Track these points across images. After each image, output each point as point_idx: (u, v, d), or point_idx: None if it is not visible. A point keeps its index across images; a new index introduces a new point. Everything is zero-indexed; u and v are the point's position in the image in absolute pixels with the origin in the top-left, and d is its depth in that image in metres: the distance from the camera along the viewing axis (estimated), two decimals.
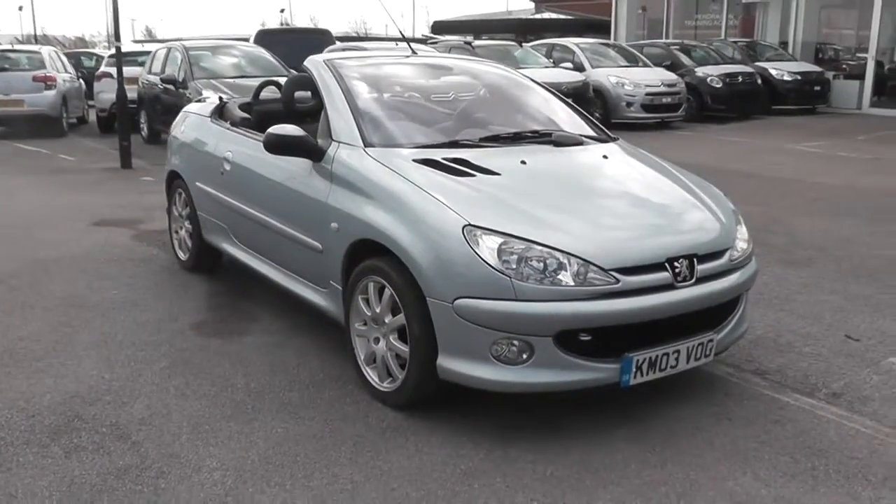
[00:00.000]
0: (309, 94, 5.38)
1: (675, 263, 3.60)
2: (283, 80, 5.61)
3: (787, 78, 15.16)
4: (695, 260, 3.67)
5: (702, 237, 3.81)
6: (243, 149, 5.01)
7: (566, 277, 3.41)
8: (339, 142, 4.19)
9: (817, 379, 4.15)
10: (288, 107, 5.32)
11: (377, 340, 3.88)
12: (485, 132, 4.48)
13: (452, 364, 3.50)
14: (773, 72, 15.14)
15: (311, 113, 5.33)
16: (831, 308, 5.19)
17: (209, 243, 5.59)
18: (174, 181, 5.92)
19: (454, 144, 4.28)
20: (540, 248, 3.43)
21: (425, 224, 3.58)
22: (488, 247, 3.42)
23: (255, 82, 6.61)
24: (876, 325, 4.88)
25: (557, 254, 3.43)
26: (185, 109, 6.12)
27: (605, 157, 4.46)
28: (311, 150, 4.26)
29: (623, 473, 3.28)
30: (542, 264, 3.41)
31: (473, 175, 3.92)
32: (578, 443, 3.51)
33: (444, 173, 3.89)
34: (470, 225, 3.48)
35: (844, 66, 16.93)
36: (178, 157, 5.79)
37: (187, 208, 5.76)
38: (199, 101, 6.18)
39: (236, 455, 3.41)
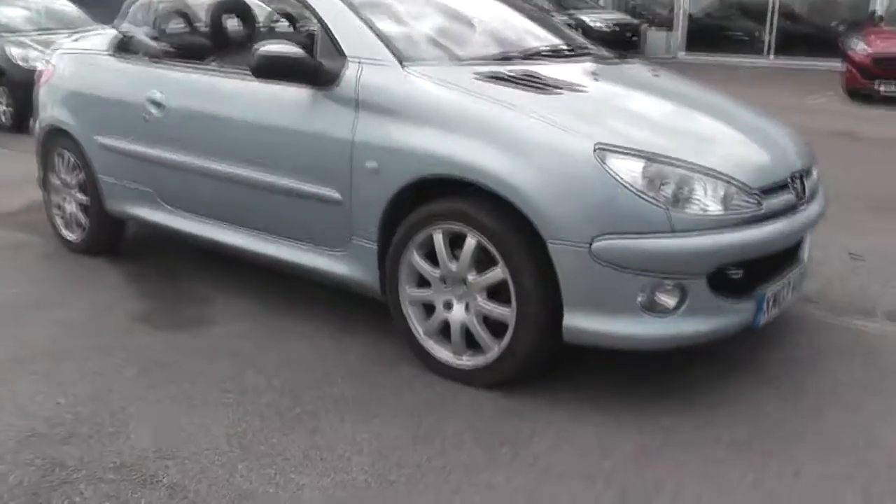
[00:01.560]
0: (237, 21, 4.30)
1: (794, 182, 3.06)
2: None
3: (604, 28, 15.41)
4: (804, 177, 3.15)
5: (801, 153, 3.30)
6: (185, 86, 3.81)
7: (714, 203, 2.75)
8: (359, 60, 3.19)
9: (863, 300, 3.86)
10: (218, 35, 4.18)
11: (448, 305, 3.00)
12: (519, 48, 3.67)
13: (585, 322, 2.73)
14: (588, 21, 15.33)
15: (242, 43, 4.25)
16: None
17: (116, 215, 4.30)
18: (54, 140, 4.50)
19: (505, 59, 3.44)
20: (686, 169, 2.74)
21: (538, 148, 2.75)
22: (629, 170, 2.67)
23: (61, 36, 5.30)
24: (866, 245, 4.68)
25: (705, 175, 2.76)
26: (61, 50, 4.68)
27: (655, 74, 3.83)
28: (316, 73, 3.24)
29: (800, 427, 2.75)
30: (689, 189, 2.73)
31: (560, 91, 3.12)
32: (720, 401, 2.92)
33: (524, 89, 3.06)
34: (601, 145, 2.70)
35: (653, 17, 17.62)
36: (63, 109, 4.38)
37: (79, 174, 4.40)
38: (74, 38, 4.77)
39: (339, 474, 2.48)
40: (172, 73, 3.88)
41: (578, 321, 2.75)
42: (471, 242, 2.88)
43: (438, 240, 2.96)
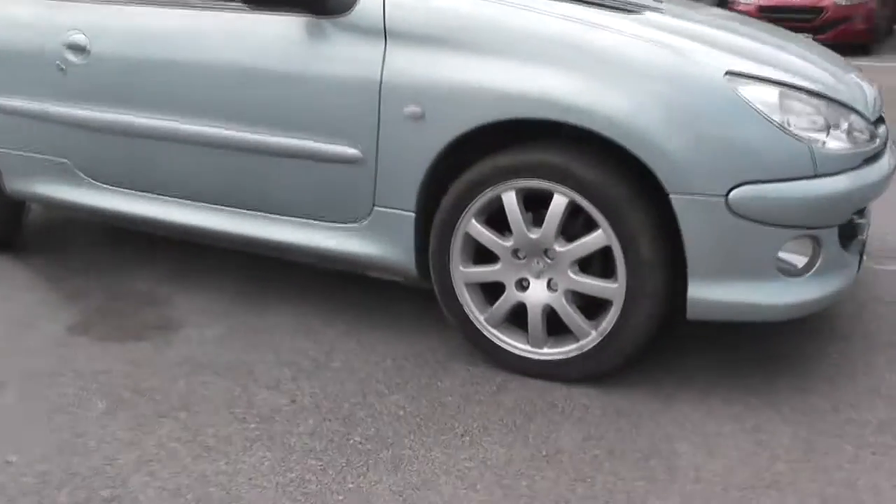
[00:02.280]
0: None
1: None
2: None
3: None
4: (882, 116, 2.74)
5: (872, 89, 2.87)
6: (122, 25, 2.89)
7: (844, 138, 2.27)
8: None
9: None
10: None
11: (523, 285, 2.36)
12: None
13: (715, 292, 2.18)
14: None
15: None
16: None
17: (16, 196, 3.32)
18: None
19: None
20: (819, 98, 2.22)
21: (656, 79, 2.17)
22: (764, 101, 2.14)
23: None
24: None
25: (838, 106, 2.26)
26: None
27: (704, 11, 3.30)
28: None
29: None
30: (825, 121, 2.23)
31: (642, 13, 2.52)
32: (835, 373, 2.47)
33: (605, 10, 2.43)
34: (732, 73, 2.13)
35: None
36: None
37: None
38: None
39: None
40: (101, 8, 2.93)
41: (706, 292, 2.18)
42: (560, 202, 2.25)
43: (511, 201, 2.30)
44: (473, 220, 2.37)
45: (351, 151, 2.50)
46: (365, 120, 2.44)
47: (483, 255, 2.45)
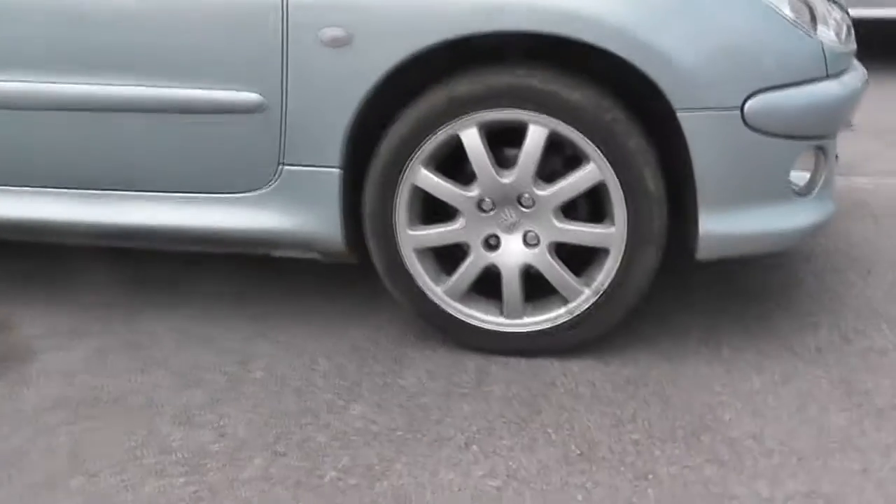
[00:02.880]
0: None
1: None
2: None
3: None
4: None
5: None
6: None
7: (842, 34, 2.00)
8: None
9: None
10: None
11: (491, 243, 1.89)
12: None
13: (730, 224, 1.83)
14: None
15: None
16: None
17: None
18: None
19: None
20: None
21: None
22: None
23: None
24: None
25: None
26: None
27: None
28: None
29: None
30: (827, 14, 1.94)
31: None
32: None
33: None
34: None
35: None
36: None
37: None
38: None
39: None
40: None
41: (719, 225, 1.82)
42: (538, 134, 1.78)
43: (473, 140, 1.81)
44: (423, 169, 1.84)
45: (247, 97, 1.88)
46: (265, 52, 1.83)
47: (435, 212, 1.92)
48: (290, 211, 1.97)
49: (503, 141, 1.88)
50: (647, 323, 2.06)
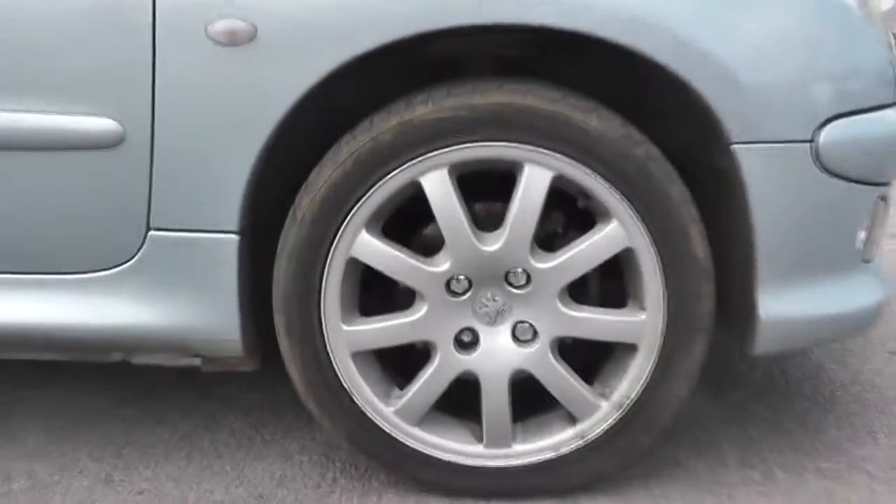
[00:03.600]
0: None
1: None
2: None
3: None
4: None
5: None
6: None
7: None
8: None
9: None
10: None
11: (464, 340, 1.27)
12: None
13: (798, 305, 1.29)
14: None
15: None
16: None
17: None
18: None
19: None
20: None
21: None
22: None
23: None
24: None
25: None
26: None
27: None
28: None
29: None
30: None
31: None
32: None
33: None
34: None
35: None
36: None
37: None
38: None
39: None
40: None
41: (784, 305, 1.28)
42: (539, 178, 1.19)
43: (440, 189, 1.20)
44: (364, 234, 1.20)
45: (95, 125, 1.19)
46: (122, 53, 1.16)
47: (381, 298, 1.28)
48: (160, 298, 1.28)
49: (477, 193, 1.28)
50: (669, 441, 1.46)
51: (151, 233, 1.26)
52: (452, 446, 1.31)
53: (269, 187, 1.27)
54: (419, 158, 1.20)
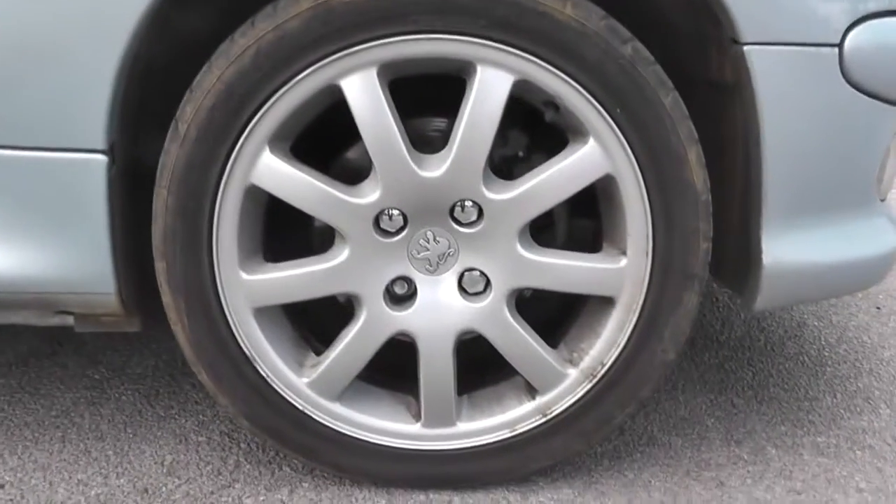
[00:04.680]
0: None
1: None
2: None
3: None
4: None
5: None
6: None
7: None
8: None
9: None
10: None
11: (399, 292, 0.97)
12: None
13: (809, 248, 1.01)
14: None
15: None
16: None
17: None
18: None
19: None
20: None
21: None
22: None
23: None
24: None
25: None
26: None
27: None
28: None
29: None
30: None
31: None
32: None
33: None
34: None
35: None
36: None
37: None
38: None
39: None
40: None
41: (794, 249, 1.00)
42: (496, 84, 0.87)
43: (367, 95, 0.86)
44: (268, 152, 0.87)
45: None
46: None
47: (291, 239, 0.97)
48: (11, 238, 0.94)
49: (416, 106, 0.97)
50: (640, 412, 1.19)
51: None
52: (382, 426, 1.02)
53: (146, 95, 0.93)
54: (339, 54, 0.88)
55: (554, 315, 1.08)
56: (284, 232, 1.02)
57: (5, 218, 0.94)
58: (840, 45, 0.94)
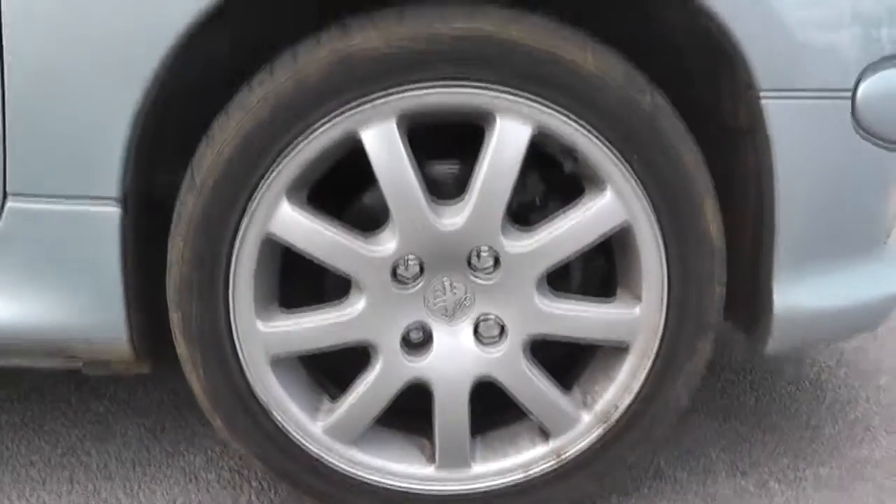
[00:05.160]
0: None
1: None
2: None
3: None
4: None
5: None
6: None
7: None
8: None
9: None
10: None
11: (414, 339, 0.96)
12: None
13: (819, 293, 1.02)
14: None
15: None
16: None
17: None
18: None
19: None
20: None
21: None
22: None
23: None
24: None
25: None
26: None
27: None
28: None
29: None
30: None
31: None
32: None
33: None
34: None
35: None
36: None
37: None
38: None
39: None
40: None
41: (804, 294, 1.00)
42: (515, 134, 0.86)
43: (386, 144, 0.85)
44: (286, 203, 0.85)
45: None
46: None
47: (303, 286, 0.96)
48: (20, 284, 0.91)
49: (430, 147, 0.95)
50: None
51: (7, 200, 0.90)
52: (396, 468, 1.01)
53: (165, 144, 0.91)
54: (358, 104, 0.86)
55: (567, 353, 1.07)
56: (297, 276, 1.00)
57: (17, 266, 0.91)
58: (853, 93, 0.94)
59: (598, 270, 1.05)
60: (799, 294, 0.99)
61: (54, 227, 0.91)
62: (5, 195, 0.91)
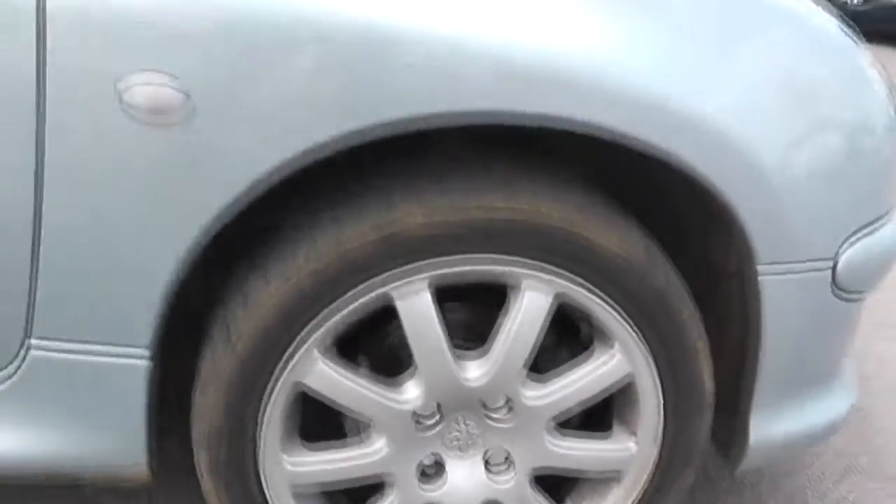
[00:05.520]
0: None
1: None
2: None
3: None
4: None
5: None
6: None
7: None
8: None
9: None
10: None
11: (429, 470, 1.04)
12: None
13: (783, 423, 1.16)
14: None
15: None
16: None
17: None
18: None
19: None
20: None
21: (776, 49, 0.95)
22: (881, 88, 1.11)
23: None
24: None
25: None
26: None
27: None
28: None
29: None
30: None
31: None
32: None
33: None
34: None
35: None
36: None
37: None
38: None
39: None
40: None
41: (772, 426, 1.15)
42: (537, 302, 0.93)
43: (420, 309, 0.91)
44: (320, 360, 0.90)
45: None
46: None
47: (317, 423, 1.01)
48: (43, 423, 0.92)
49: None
50: None
51: (31, 346, 0.89)
52: None
53: (187, 295, 0.92)
54: (398, 277, 0.90)
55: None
56: (314, 405, 1.04)
57: (52, 415, 0.92)
58: (835, 261, 1.04)
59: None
60: (773, 424, 1.10)
61: (83, 376, 0.91)
62: (26, 338, 0.91)
